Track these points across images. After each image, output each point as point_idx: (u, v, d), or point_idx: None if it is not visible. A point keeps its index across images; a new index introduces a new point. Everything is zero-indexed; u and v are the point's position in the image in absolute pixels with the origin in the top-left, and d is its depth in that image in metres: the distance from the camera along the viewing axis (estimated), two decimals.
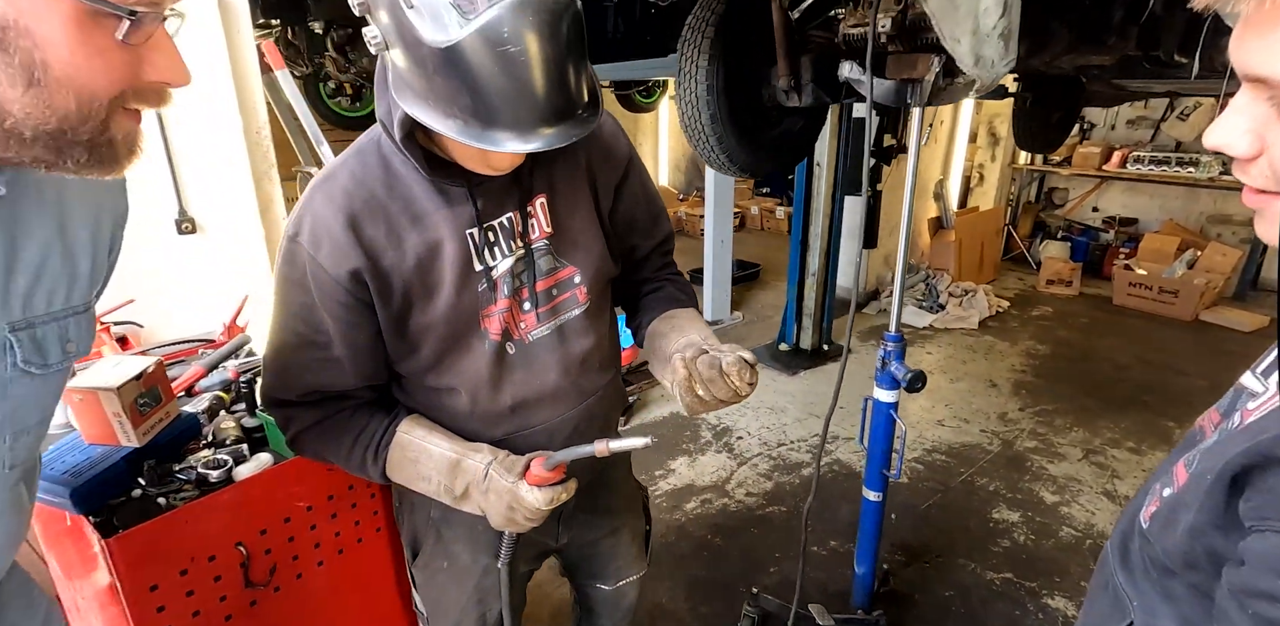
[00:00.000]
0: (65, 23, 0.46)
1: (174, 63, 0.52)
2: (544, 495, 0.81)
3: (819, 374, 3.71)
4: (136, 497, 0.93)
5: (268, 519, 1.02)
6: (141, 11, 0.47)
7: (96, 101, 0.49)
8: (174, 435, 1.01)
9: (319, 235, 0.78)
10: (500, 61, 0.63)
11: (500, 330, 0.87)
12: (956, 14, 0.95)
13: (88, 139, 0.50)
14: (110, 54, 0.48)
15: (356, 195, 0.79)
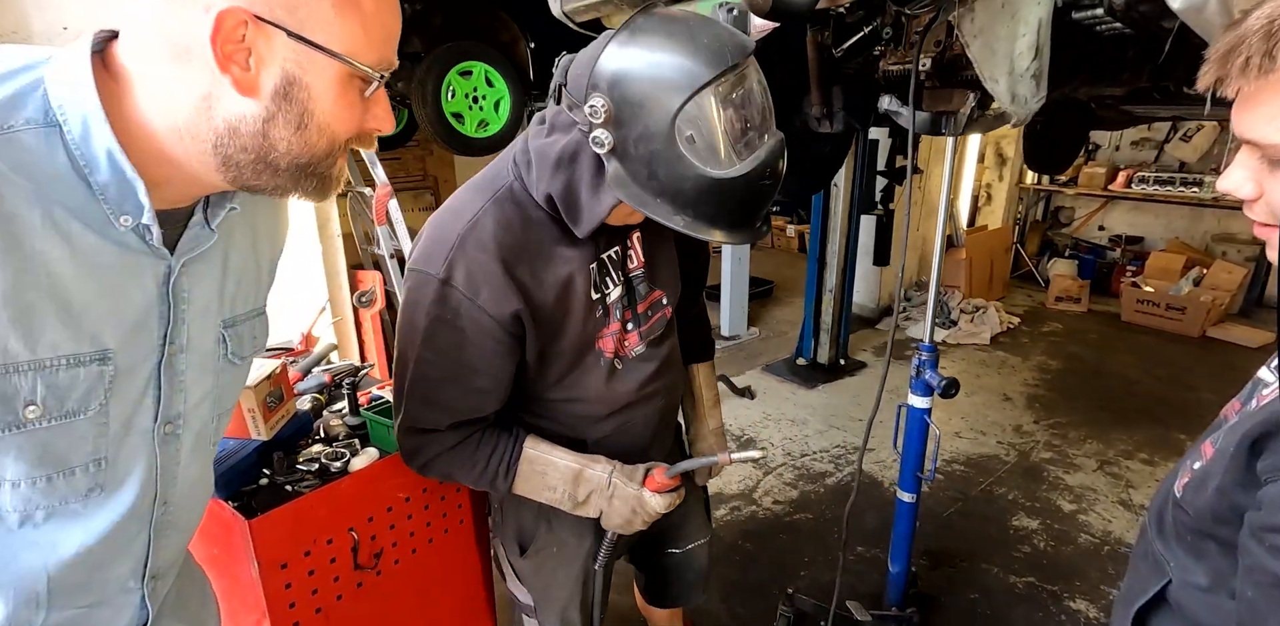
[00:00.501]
0: (334, 81, 0.56)
1: (388, 113, 0.63)
2: (664, 500, 0.96)
3: (837, 387, 3.81)
4: (265, 485, 1.04)
5: (373, 507, 1.13)
6: (382, 74, 0.59)
7: (337, 143, 0.60)
8: (293, 430, 1.13)
9: (477, 280, 0.86)
10: (751, 188, 0.81)
11: (613, 349, 1.00)
12: (994, 58, 1.08)
13: (323, 173, 0.61)
14: (354, 108, 0.59)
15: (504, 242, 0.87)
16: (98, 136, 0.52)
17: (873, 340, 4.51)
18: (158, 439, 0.64)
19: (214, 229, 0.63)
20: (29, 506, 0.57)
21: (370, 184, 2.59)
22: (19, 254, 0.50)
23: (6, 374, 0.51)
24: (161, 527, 0.67)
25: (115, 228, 0.55)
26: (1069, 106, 2.69)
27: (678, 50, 0.76)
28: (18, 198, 0.50)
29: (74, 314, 0.54)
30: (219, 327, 0.68)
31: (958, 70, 1.30)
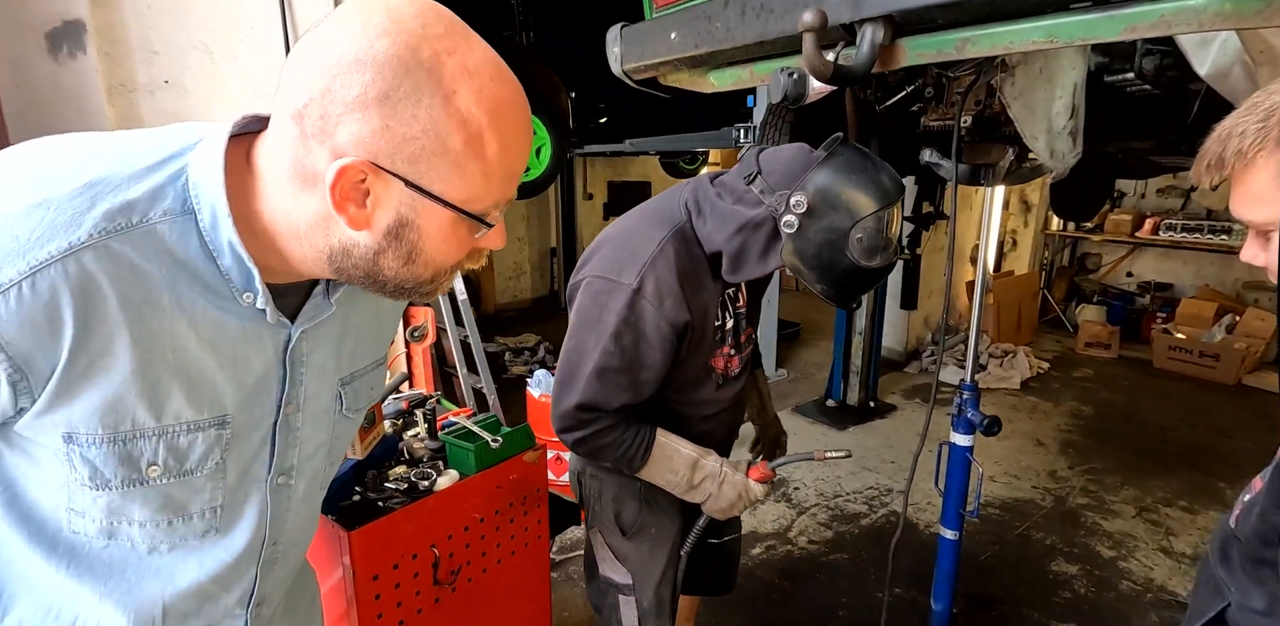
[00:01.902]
0: (445, 224, 0.57)
1: (499, 235, 0.62)
2: (764, 488, 1.22)
3: (868, 430, 3.82)
4: (359, 501, 1.12)
5: (453, 526, 1.20)
6: (493, 216, 0.59)
7: (443, 270, 0.62)
8: (382, 451, 1.21)
9: (663, 293, 1.09)
10: (875, 275, 1.11)
11: (722, 367, 1.26)
12: (1034, 117, 1.18)
13: (422, 291, 0.63)
14: (465, 243, 0.60)
15: (680, 266, 1.11)
16: (223, 228, 0.56)
17: (901, 383, 4.53)
18: (270, 488, 0.68)
19: (333, 303, 0.66)
20: (155, 541, 0.63)
21: None
22: (147, 335, 0.55)
23: (133, 440, 0.57)
24: (269, 563, 0.72)
25: (240, 303, 0.59)
26: (1096, 156, 2.80)
27: (870, 182, 1.07)
28: (149, 283, 0.54)
29: (196, 384, 0.59)
30: (336, 386, 0.72)
31: (997, 127, 1.41)
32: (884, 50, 1.12)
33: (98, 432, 0.55)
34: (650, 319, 1.10)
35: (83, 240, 0.51)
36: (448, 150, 0.54)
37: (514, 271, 6.43)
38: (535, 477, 1.35)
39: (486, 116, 0.54)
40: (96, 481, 0.57)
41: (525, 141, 0.59)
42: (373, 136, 0.52)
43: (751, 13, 1.31)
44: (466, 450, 1.23)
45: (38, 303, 0.50)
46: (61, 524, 0.60)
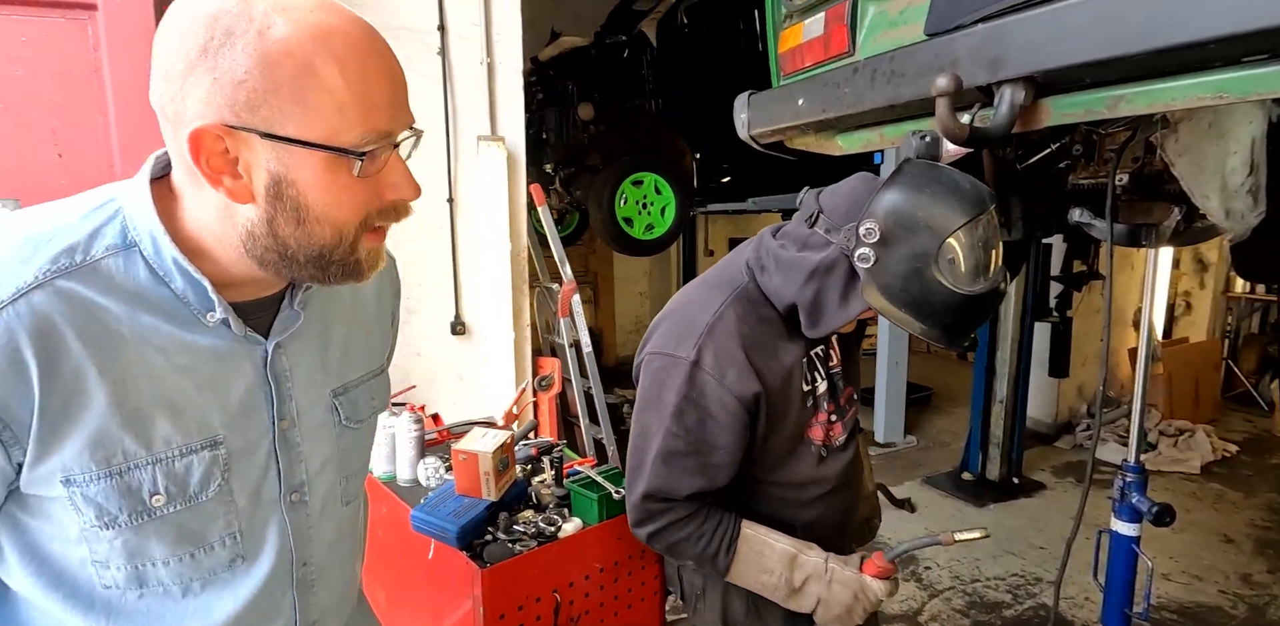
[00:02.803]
0: (317, 171, 0.55)
1: (404, 180, 0.59)
2: (886, 586, 1.01)
3: (1011, 509, 3.46)
4: (492, 541, 1.18)
5: (574, 573, 1.22)
6: (370, 149, 0.55)
7: (348, 228, 0.59)
8: (514, 495, 1.27)
9: (724, 364, 0.99)
10: (983, 303, 0.94)
11: (821, 438, 1.10)
12: (1204, 175, 1.09)
13: (340, 259, 0.60)
14: (354, 189, 0.57)
15: (745, 333, 1.02)
16: (164, 248, 0.57)
17: (1050, 459, 4.09)
18: (285, 506, 0.68)
19: (296, 309, 0.66)
20: (184, 579, 0.63)
21: (557, 280, 2.92)
22: (115, 367, 0.56)
23: (129, 471, 0.57)
24: (305, 586, 0.71)
25: (205, 324, 0.60)
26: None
27: (949, 192, 0.95)
28: (105, 317, 0.55)
29: (179, 409, 0.59)
30: (329, 398, 0.72)
31: (1160, 184, 1.31)
32: (1025, 111, 1.10)
33: (92, 470, 0.56)
34: (713, 393, 0.99)
35: (30, 282, 0.53)
36: (280, 86, 0.52)
37: (635, 325, 6.59)
38: None
39: (312, 43, 0.52)
40: (104, 520, 0.58)
41: (378, 67, 0.56)
42: (209, 96, 0.52)
43: (882, 78, 1.33)
44: (590, 499, 1.26)
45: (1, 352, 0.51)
46: (93, 581, 0.60)
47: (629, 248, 4.25)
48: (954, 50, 1.17)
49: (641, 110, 3.96)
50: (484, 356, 2.53)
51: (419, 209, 2.12)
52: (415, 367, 2.44)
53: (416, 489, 1.45)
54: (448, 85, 2.30)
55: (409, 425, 1.45)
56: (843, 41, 1.58)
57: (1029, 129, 1.18)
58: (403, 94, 0.59)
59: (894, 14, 1.48)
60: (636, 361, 1.10)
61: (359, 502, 0.80)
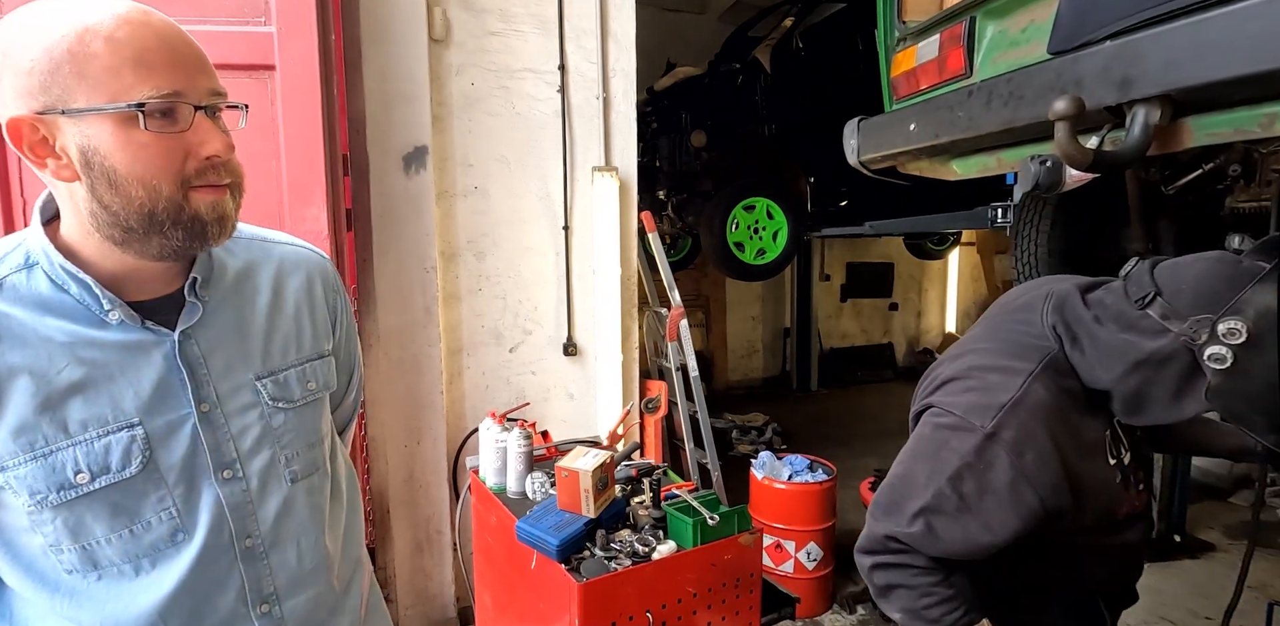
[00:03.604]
0: (112, 134, 0.61)
1: (210, 135, 0.64)
2: None
3: (1171, 571, 3.06)
4: (589, 557, 1.22)
5: (667, 595, 1.24)
6: (152, 103, 0.60)
7: (158, 185, 0.63)
8: (611, 513, 1.32)
9: (1024, 444, 0.90)
10: None
11: (1128, 510, 1.01)
12: None
13: (171, 217, 0.64)
14: (154, 146, 0.62)
15: (1053, 417, 0.92)
16: (54, 259, 0.66)
17: (1223, 517, 3.58)
18: (218, 482, 0.72)
19: (193, 301, 0.72)
20: (132, 556, 0.69)
21: (666, 305, 2.97)
22: (31, 365, 0.65)
23: (51, 454, 0.65)
24: (252, 559, 0.75)
25: (108, 322, 0.67)
26: None
27: None
28: (13, 323, 0.65)
29: (90, 398, 0.67)
30: (251, 381, 0.76)
31: None
32: (1161, 131, 1.02)
33: (19, 455, 0.64)
34: (1002, 470, 0.90)
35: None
36: (60, 64, 0.59)
37: (746, 350, 6.53)
38: (750, 561, 1.34)
39: (82, 25, 0.59)
40: (38, 499, 0.65)
41: (150, 34, 0.61)
42: (14, 90, 0.60)
43: (999, 100, 1.28)
44: (685, 523, 1.28)
45: None
46: (57, 568, 0.68)
47: (740, 273, 4.24)
48: (1078, 70, 1.12)
49: (754, 136, 3.99)
50: (593, 377, 2.62)
51: (537, 234, 2.23)
52: (529, 385, 2.57)
53: (524, 501, 1.53)
54: (566, 120, 2.44)
55: (519, 441, 1.54)
56: (959, 63, 1.54)
57: (1168, 151, 1.09)
58: (190, 59, 0.64)
59: (1015, 33, 1.42)
60: (915, 409, 1.04)
61: (316, 480, 0.82)
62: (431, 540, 2.39)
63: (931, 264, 7.22)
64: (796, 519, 2.58)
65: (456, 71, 2.33)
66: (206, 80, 0.65)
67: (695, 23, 5.37)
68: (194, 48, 0.65)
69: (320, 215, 1.80)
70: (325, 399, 0.85)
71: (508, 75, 2.39)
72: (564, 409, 2.62)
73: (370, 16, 2.13)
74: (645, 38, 2.56)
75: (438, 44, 2.28)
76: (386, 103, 2.17)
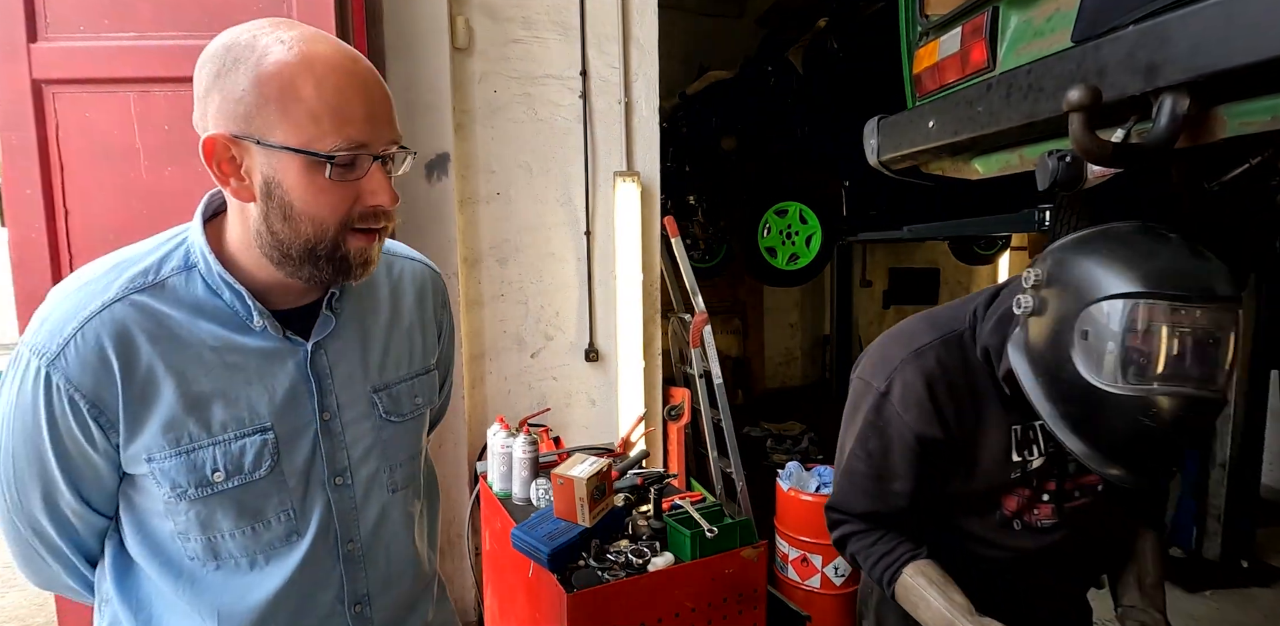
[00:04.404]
0: (300, 173, 0.65)
1: (381, 188, 0.67)
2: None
3: (1237, 599, 2.83)
4: (582, 567, 1.19)
5: (664, 610, 1.20)
6: (341, 155, 0.64)
7: (326, 225, 0.67)
8: (608, 523, 1.29)
9: (909, 400, 0.97)
10: (1125, 419, 0.76)
11: (1014, 510, 1.01)
12: None
13: (326, 254, 0.68)
14: (331, 191, 0.66)
15: (941, 378, 0.97)
16: (213, 266, 0.70)
17: None
18: (330, 488, 0.77)
19: (328, 314, 0.76)
20: (250, 552, 0.73)
21: (691, 311, 2.93)
22: (177, 364, 0.68)
23: (194, 451, 0.69)
24: (352, 562, 0.79)
25: (253, 329, 0.72)
26: None
27: (1135, 257, 0.79)
28: (169, 324, 0.69)
29: (232, 400, 0.71)
30: (369, 393, 0.80)
31: None
32: (1191, 122, 0.94)
33: (166, 449, 0.69)
34: (896, 425, 0.98)
35: (113, 298, 0.68)
36: (268, 100, 0.62)
37: (785, 357, 6.40)
38: (753, 576, 1.29)
39: (298, 65, 0.62)
40: (178, 491, 0.70)
41: (353, 86, 0.64)
42: (218, 111, 0.64)
43: (1018, 93, 1.21)
44: (684, 535, 1.24)
45: (88, 348, 0.66)
46: (181, 553, 0.73)
47: (772, 278, 4.16)
48: (1100, 58, 1.04)
49: (786, 139, 3.91)
50: (615, 383, 2.59)
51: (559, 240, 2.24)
52: (551, 391, 2.57)
53: (528, 508, 1.52)
54: (588, 125, 2.44)
55: (523, 447, 1.53)
56: (981, 56, 1.47)
57: (1200, 142, 1.01)
58: (382, 112, 0.67)
59: (1040, 22, 1.35)
60: None
61: (411, 491, 0.86)
62: (452, 544, 2.41)
63: (979, 269, 6.96)
64: (824, 532, 2.49)
65: (479, 79, 2.35)
66: (389, 131, 0.68)
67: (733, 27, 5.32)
68: (386, 99, 0.69)
69: None
70: (427, 413, 0.89)
71: (530, 82, 2.40)
72: (586, 415, 2.60)
73: (394, 27, 2.18)
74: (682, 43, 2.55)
75: (460, 52, 2.31)
76: (410, 111, 2.21)
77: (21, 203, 1.77)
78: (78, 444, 0.68)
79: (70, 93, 1.76)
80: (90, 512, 0.73)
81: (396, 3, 2.17)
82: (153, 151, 1.78)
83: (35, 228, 1.77)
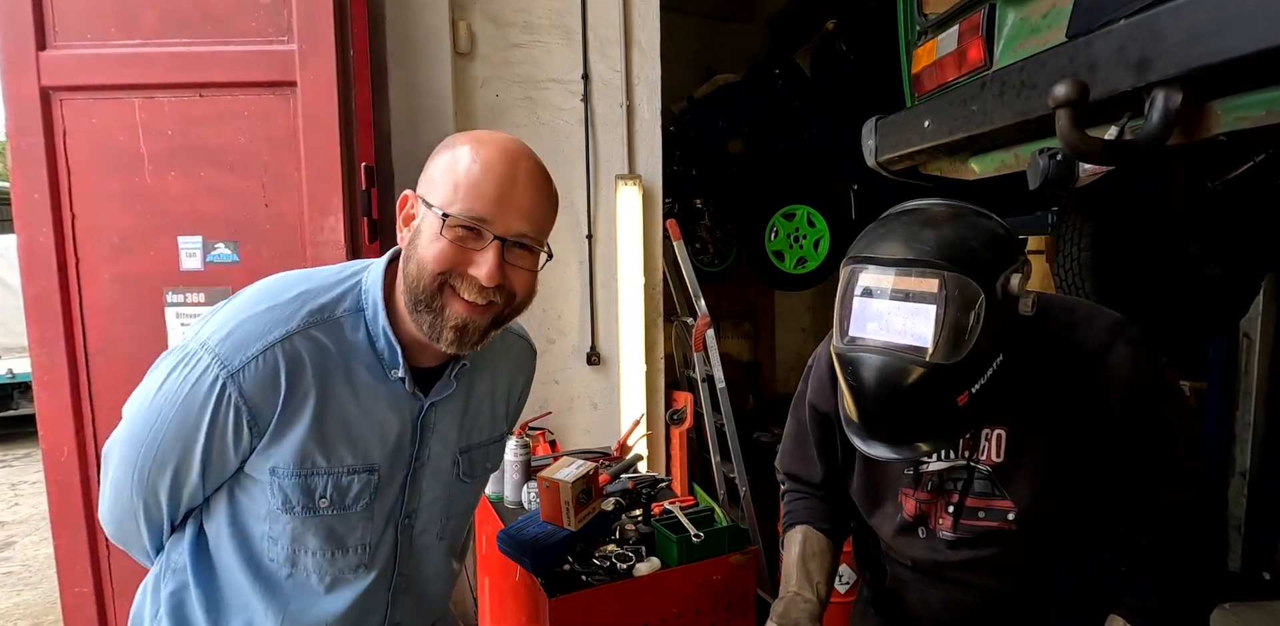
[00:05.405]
0: (431, 227, 0.75)
1: (487, 265, 0.75)
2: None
3: (1259, 613, 2.73)
4: (567, 571, 1.18)
5: (649, 615, 1.18)
6: (453, 219, 0.73)
7: (426, 270, 0.75)
8: (595, 527, 1.27)
9: (814, 373, 1.04)
10: (846, 375, 0.81)
11: (914, 513, 0.94)
12: None
13: (426, 300, 0.76)
14: (438, 242, 0.74)
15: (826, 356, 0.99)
16: (379, 317, 0.78)
17: None
18: (399, 528, 0.85)
19: (451, 379, 0.85)
20: (323, 573, 0.81)
21: (693, 314, 2.91)
22: (326, 397, 0.76)
23: (313, 476, 0.77)
24: (398, 592, 0.87)
25: (389, 378, 0.80)
26: None
27: (874, 230, 0.84)
28: (332, 359, 0.77)
29: (354, 438, 0.78)
30: (455, 453, 0.89)
31: None
32: (1185, 117, 0.92)
33: (290, 468, 0.76)
34: (809, 397, 1.04)
35: (294, 329, 0.76)
36: (443, 171, 0.76)
37: (796, 361, 6.34)
38: (743, 582, 1.27)
39: (472, 150, 0.75)
40: (286, 506, 0.77)
41: (506, 174, 0.75)
42: (421, 178, 0.79)
43: (1012, 91, 1.19)
44: (670, 540, 1.22)
45: (267, 370, 0.74)
46: (264, 553, 0.80)
47: (779, 282, 4.13)
48: (1091, 53, 1.02)
49: (794, 141, 3.89)
50: (617, 387, 2.58)
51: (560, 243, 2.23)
52: (552, 395, 2.56)
53: (520, 511, 1.51)
54: (590, 129, 2.44)
55: (515, 450, 1.52)
56: (978, 54, 1.45)
57: (1195, 139, 0.98)
58: (519, 204, 0.76)
59: (1037, 19, 1.32)
60: None
61: (451, 543, 0.95)
62: None
63: None
64: None
65: (481, 84, 2.36)
66: (518, 222, 0.76)
67: (741, 31, 5.32)
68: (535, 198, 0.78)
69: (338, 225, 1.84)
70: (489, 477, 0.98)
71: (532, 86, 2.41)
72: (587, 418, 2.59)
73: (396, 33, 2.19)
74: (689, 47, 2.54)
75: (462, 57, 2.33)
76: (412, 116, 2.22)
77: (30, 207, 1.80)
78: (224, 443, 0.75)
79: (77, 99, 1.79)
80: (201, 494, 0.80)
81: (398, 8, 2.19)
82: (156, 157, 1.80)
83: (43, 232, 1.81)
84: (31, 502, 4.25)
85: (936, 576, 0.96)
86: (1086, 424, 0.85)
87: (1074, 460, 0.86)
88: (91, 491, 1.81)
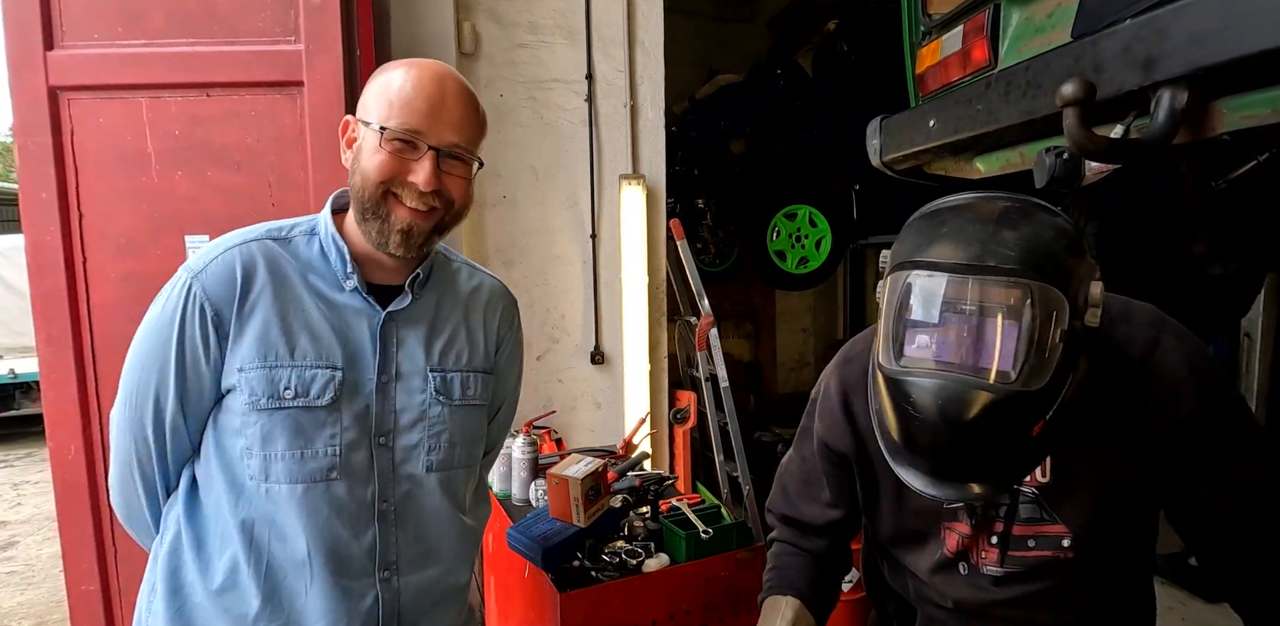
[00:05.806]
0: (368, 140, 0.83)
1: (424, 174, 0.82)
2: None
3: None
4: (576, 567, 1.19)
5: (658, 612, 1.19)
6: (389, 132, 0.81)
7: (370, 181, 0.82)
8: (603, 524, 1.28)
9: (824, 409, 0.93)
10: (898, 405, 0.68)
11: (956, 549, 0.85)
12: None
13: (373, 210, 0.83)
14: (378, 154, 0.81)
15: (861, 388, 0.89)
16: (330, 232, 0.87)
17: None
18: (374, 444, 0.87)
19: (407, 291, 0.90)
20: (293, 478, 0.82)
21: (696, 313, 2.92)
22: (282, 296, 0.84)
23: (276, 368, 0.82)
24: (386, 523, 0.87)
25: (344, 288, 0.87)
26: None
27: (924, 228, 0.73)
28: (286, 268, 0.85)
29: (316, 336, 0.85)
30: (425, 370, 0.91)
31: None
32: (1190, 116, 0.93)
33: (255, 362, 0.82)
34: (818, 434, 0.93)
35: (252, 238, 0.87)
36: (377, 92, 0.83)
37: (796, 362, 6.35)
38: (751, 579, 1.27)
39: (403, 72, 0.83)
40: (253, 400, 0.82)
41: (434, 92, 0.82)
42: (357, 108, 0.86)
43: (1017, 91, 1.20)
44: (679, 536, 1.23)
45: (224, 266, 0.84)
46: (242, 471, 0.83)
47: (781, 282, 4.14)
48: (1097, 52, 1.03)
49: (795, 142, 3.90)
50: (621, 386, 2.59)
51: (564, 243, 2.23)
52: (557, 394, 2.57)
53: (527, 508, 1.51)
54: (593, 129, 2.45)
55: (522, 447, 1.53)
56: (983, 54, 1.46)
57: (1201, 137, 0.99)
58: (451, 118, 0.83)
59: (1041, 19, 1.33)
60: None
61: (446, 481, 0.92)
62: None
63: None
64: None
65: (486, 84, 2.37)
66: (451, 134, 0.84)
67: (744, 31, 5.33)
68: (465, 111, 0.85)
69: None
70: (482, 410, 0.98)
71: (536, 86, 2.42)
72: (591, 417, 2.60)
73: (401, 33, 2.20)
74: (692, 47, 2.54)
75: (467, 57, 2.33)
76: None
77: (37, 206, 1.80)
78: (195, 352, 0.82)
79: (84, 99, 1.80)
80: (183, 430, 0.85)
81: (404, 9, 2.20)
82: (163, 156, 1.81)
83: (50, 231, 1.81)
84: (34, 502, 4.25)
85: (981, 616, 0.86)
86: (1144, 430, 0.77)
87: (1130, 473, 0.79)
88: (99, 490, 1.82)
